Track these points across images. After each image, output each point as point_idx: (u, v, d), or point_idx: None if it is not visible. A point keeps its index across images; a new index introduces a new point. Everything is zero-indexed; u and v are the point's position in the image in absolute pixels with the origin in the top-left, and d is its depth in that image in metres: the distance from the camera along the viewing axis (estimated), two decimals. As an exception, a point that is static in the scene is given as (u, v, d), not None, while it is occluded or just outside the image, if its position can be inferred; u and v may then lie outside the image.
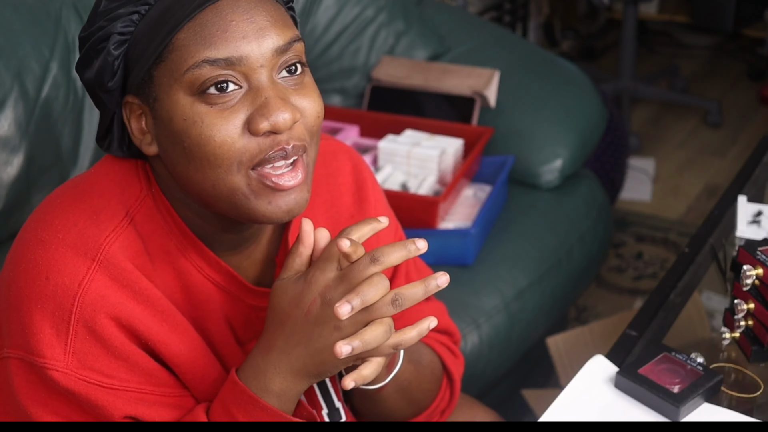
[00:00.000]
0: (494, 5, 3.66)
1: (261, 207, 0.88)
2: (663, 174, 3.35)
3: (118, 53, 0.88)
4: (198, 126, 0.85)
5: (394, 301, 0.86)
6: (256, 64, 0.86)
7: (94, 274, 0.90)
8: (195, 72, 0.84)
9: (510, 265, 1.87)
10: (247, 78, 0.86)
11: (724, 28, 3.62)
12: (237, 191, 0.88)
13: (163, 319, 0.93)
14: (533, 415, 1.96)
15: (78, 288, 0.89)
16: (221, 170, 0.86)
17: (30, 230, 0.94)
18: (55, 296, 0.89)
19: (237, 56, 0.85)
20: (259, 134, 0.86)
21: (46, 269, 0.90)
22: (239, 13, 0.85)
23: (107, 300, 0.90)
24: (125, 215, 0.93)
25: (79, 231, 0.92)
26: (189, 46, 0.85)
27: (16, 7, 1.63)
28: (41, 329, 0.89)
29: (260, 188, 0.88)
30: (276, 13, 0.88)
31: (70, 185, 0.98)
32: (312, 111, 0.90)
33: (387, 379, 1.02)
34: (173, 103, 0.86)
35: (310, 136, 0.90)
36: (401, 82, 2.17)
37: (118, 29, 0.87)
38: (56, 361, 0.89)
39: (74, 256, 0.90)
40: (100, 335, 0.90)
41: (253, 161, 0.87)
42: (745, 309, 1.17)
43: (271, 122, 0.85)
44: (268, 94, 0.86)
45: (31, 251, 0.92)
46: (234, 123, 0.86)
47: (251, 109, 0.86)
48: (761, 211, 1.43)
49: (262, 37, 0.86)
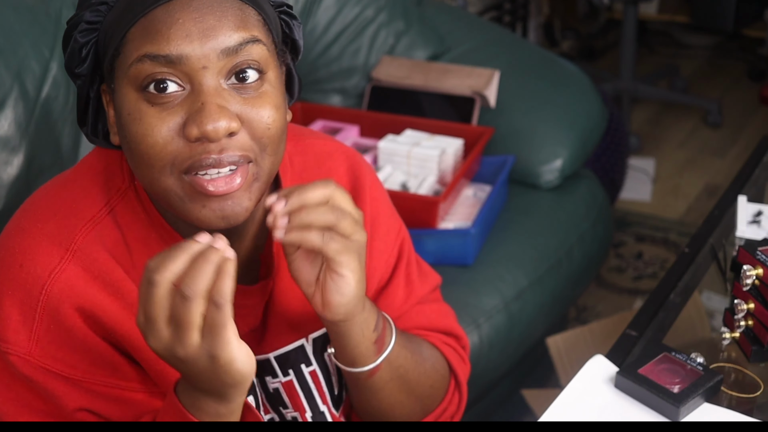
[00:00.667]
0: (494, 5, 3.66)
1: (195, 211, 0.87)
2: (663, 174, 3.35)
3: (85, 41, 0.89)
4: (137, 123, 0.85)
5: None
6: (198, 65, 0.84)
7: (66, 264, 0.91)
8: (138, 66, 0.84)
9: (510, 265, 1.87)
10: (190, 79, 0.84)
11: (724, 28, 3.62)
12: (170, 193, 0.87)
13: (133, 312, 0.92)
14: (533, 415, 1.97)
15: (48, 277, 0.90)
16: (155, 170, 0.86)
17: (14, 219, 0.96)
18: (25, 284, 0.91)
19: (177, 55, 0.83)
20: (190, 139, 0.84)
21: (21, 257, 0.91)
22: (188, 11, 0.84)
23: (75, 290, 0.91)
24: (105, 205, 0.94)
25: (58, 221, 0.93)
26: (136, 40, 0.85)
27: (16, 7, 1.63)
28: (9, 315, 0.91)
29: (193, 193, 0.86)
30: (233, 14, 0.86)
31: (59, 177, 1.00)
32: (259, 122, 0.86)
33: (377, 360, 1.00)
34: (122, 96, 0.87)
35: (259, 148, 0.87)
36: (401, 82, 2.17)
37: (87, 17, 0.88)
38: (19, 347, 0.90)
39: (49, 245, 0.91)
40: (64, 325, 0.91)
41: (184, 165, 0.85)
42: (745, 309, 1.17)
43: (201, 130, 0.83)
44: (206, 99, 0.84)
45: (11, 239, 0.94)
46: (169, 125, 0.84)
47: (188, 113, 0.84)
48: (761, 211, 1.43)
49: (207, 37, 0.84)
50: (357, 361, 1.00)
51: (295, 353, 1.06)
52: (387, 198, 1.16)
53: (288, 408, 1.08)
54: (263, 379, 1.06)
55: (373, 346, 0.99)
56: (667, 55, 4.29)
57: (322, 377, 1.08)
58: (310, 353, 1.07)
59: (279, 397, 1.07)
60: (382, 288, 1.13)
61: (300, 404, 1.07)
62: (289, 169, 1.05)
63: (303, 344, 1.06)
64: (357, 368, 1.01)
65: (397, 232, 1.16)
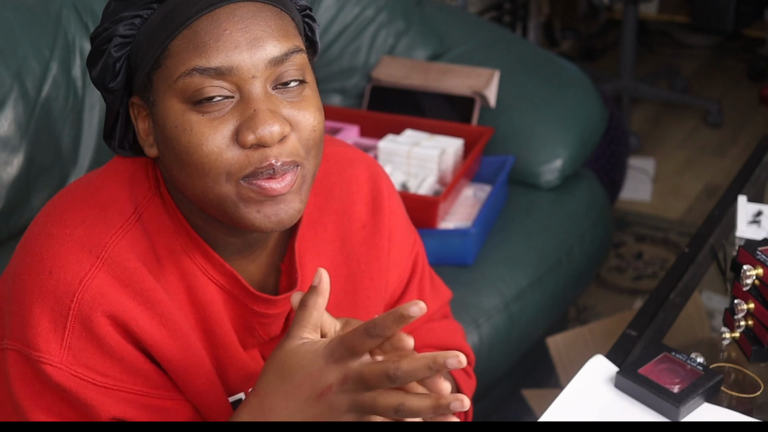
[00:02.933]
0: (494, 5, 3.66)
1: (250, 215, 0.88)
2: (663, 174, 3.35)
3: (119, 55, 0.89)
4: (187, 134, 0.85)
5: (397, 411, 0.81)
6: (248, 75, 0.85)
7: (97, 272, 0.90)
8: (186, 80, 0.84)
9: (510, 265, 1.87)
10: (239, 88, 0.85)
11: (724, 28, 3.62)
12: (226, 199, 0.87)
13: (162, 323, 0.93)
14: (533, 415, 1.97)
15: (79, 285, 0.89)
16: (209, 179, 0.86)
17: (40, 224, 0.95)
18: (56, 291, 0.90)
19: (227, 66, 0.84)
20: (246, 146, 0.85)
21: (50, 264, 0.90)
22: (234, 22, 0.85)
23: (106, 298, 0.90)
24: (133, 212, 0.94)
25: (87, 227, 0.92)
26: (182, 53, 0.85)
27: (16, 7, 1.63)
28: (39, 323, 0.89)
29: (249, 197, 0.87)
30: (275, 23, 0.87)
31: (82, 181, 0.99)
32: (306, 125, 0.88)
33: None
34: (167, 108, 0.86)
35: (305, 151, 0.89)
36: (401, 82, 2.17)
37: (120, 32, 0.88)
38: (51, 355, 0.89)
39: (79, 252, 0.91)
40: (95, 333, 0.90)
41: (242, 173, 0.86)
42: (745, 309, 1.17)
43: (257, 135, 0.84)
44: (258, 105, 0.85)
45: (38, 245, 0.92)
46: (222, 133, 0.85)
47: (240, 120, 0.85)
48: (761, 211, 1.43)
49: (255, 47, 0.85)
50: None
51: None
52: (403, 209, 1.16)
53: None
54: None
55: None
56: (667, 55, 4.29)
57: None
58: None
59: None
60: (394, 302, 1.14)
61: None
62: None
63: None
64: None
65: (412, 245, 1.16)
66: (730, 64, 4.22)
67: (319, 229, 1.05)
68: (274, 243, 1.01)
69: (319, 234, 1.05)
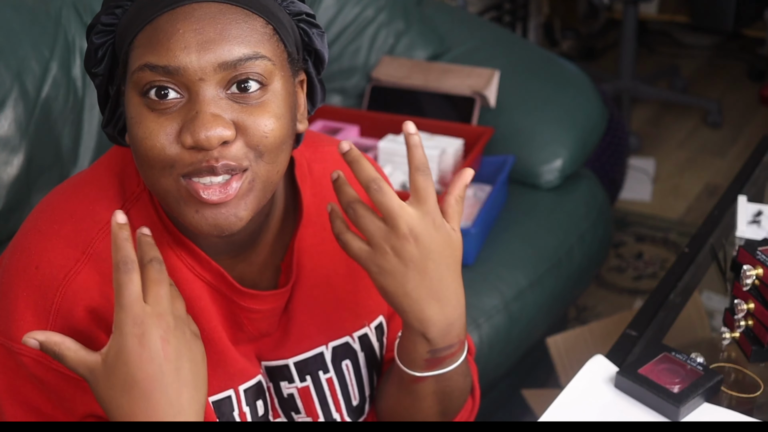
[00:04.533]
0: (494, 5, 3.66)
1: (189, 215, 0.88)
2: (663, 174, 3.35)
3: (100, 42, 0.90)
4: (137, 126, 0.86)
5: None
6: (194, 77, 0.84)
7: (82, 267, 0.91)
8: (139, 74, 0.85)
9: (510, 265, 1.87)
10: (187, 89, 0.85)
11: (724, 28, 3.63)
12: (168, 194, 0.88)
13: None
14: (533, 415, 1.97)
15: (63, 279, 0.91)
16: (155, 171, 0.87)
17: (31, 219, 0.96)
18: (41, 286, 0.91)
19: (175, 66, 0.84)
20: (185, 147, 0.85)
21: (38, 259, 0.92)
22: (190, 22, 0.84)
23: (89, 293, 0.91)
24: (121, 208, 0.94)
25: (75, 223, 0.93)
26: (140, 47, 0.85)
27: (16, 7, 1.63)
28: (23, 316, 0.91)
29: (188, 196, 0.87)
30: (237, 27, 0.85)
31: (74, 177, 1.00)
32: (256, 130, 0.86)
33: (424, 374, 1.00)
34: (128, 99, 0.88)
35: (255, 155, 0.87)
36: (401, 82, 2.17)
37: (101, 20, 0.89)
38: (31, 347, 0.89)
39: (66, 248, 0.92)
40: (75, 327, 0.91)
41: (183, 170, 0.86)
42: (745, 309, 1.17)
43: (194, 138, 0.84)
44: (201, 108, 0.84)
45: (27, 240, 0.94)
46: (167, 131, 0.85)
47: (184, 121, 0.85)
48: (761, 211, 1.43)
49: (205, 50, 0.84)
50: (405, 361, 1.01)
51: (314, 360, 1.06)
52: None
53: (300, 413, 1.08)
54: (278, 384, 1.06)
55: (424, 362, 0.99)
56: (667, 55, 4.29)
57: (338, 385, 1.08)
58: (329, 361, 1.07)
59: (293, 402, 1.07)
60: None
61: (314, 410, 1.07)
62: (308, 176, 1.05)
63: (323, 351, 1.07)
64: (404, 367, 1.01)
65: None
66: (730, 64, 4.22)
67: (319, 229, 1.05)
68: (269, 243, 1.01)
69: (319, 233, 1.05)
